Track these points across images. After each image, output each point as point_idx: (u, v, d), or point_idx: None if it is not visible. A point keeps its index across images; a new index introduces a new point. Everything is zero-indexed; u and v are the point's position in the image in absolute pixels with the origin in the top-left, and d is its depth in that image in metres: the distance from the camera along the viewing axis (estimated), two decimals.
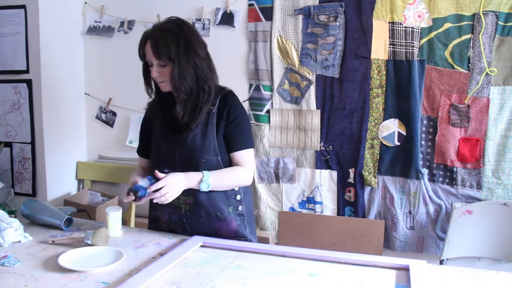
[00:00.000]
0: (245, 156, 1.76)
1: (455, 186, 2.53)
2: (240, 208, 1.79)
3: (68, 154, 3.10)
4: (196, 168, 1.69)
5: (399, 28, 2.53)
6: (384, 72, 2.59)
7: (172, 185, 1.59)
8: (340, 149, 2.71)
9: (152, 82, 1.77)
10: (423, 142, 2.57)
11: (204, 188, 1.65)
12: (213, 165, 1.71)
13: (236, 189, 1.78)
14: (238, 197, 1.78)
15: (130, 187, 1.61)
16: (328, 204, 2.77)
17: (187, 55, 1.65)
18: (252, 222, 1.88)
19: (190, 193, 1.70)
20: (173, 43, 1.63)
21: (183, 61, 1.64)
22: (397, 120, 2.60)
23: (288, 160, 2.81)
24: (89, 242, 1.62)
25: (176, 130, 1.74)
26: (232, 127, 1.74)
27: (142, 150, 1.93)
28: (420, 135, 2.55)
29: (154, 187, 1.58)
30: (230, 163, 1.76)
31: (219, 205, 1.74)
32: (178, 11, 2.87)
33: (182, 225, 1.78)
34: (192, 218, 1.75)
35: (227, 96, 1.76)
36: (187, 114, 1.70)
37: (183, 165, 1.71)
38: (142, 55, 1.70)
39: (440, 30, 2.47)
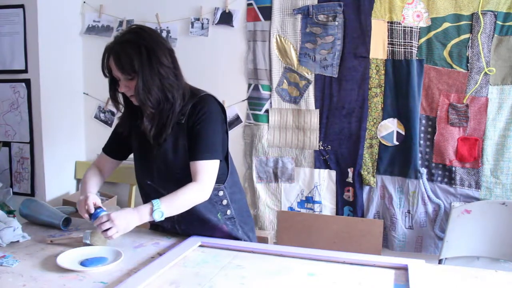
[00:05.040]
0: (200, 168, 1.58)
1: (454, 186, 2.53)
2: (228, 212, 1.72)
3: (67, 154, 3.09)
4: (174, 183, 1.59)
5: (397, 27, 2.53)
6: (383, 72, 2.59)
7: (117, 223, 1.49)
8: (339, 149, 2.71)
9: (119, 96, 1.67)
10: (421, 142, 2.57)
11: (158, 217, 1.52)
12: (191, 179, 1.60)
13: (221, 194, 1.69)
14: (224, 202, 1.71)
15: (89, 211, 1.58)
16: (327, 204, 2.77)
17: (150, 66, 1.53)
18: (246, 219, 1.81)
19: None
20: (135, 54, 1.52)
21: (147, 72, 1.53)
22: (396, 120, 2.60)
23: (287, 160, 2.80)
24: (88, 242, 1.61)
25: (149, 144, 1.65)
26: (193, 134, 1.60)
27: (110, 149, 1.83)
28: (419, 134, 2.55)
29: (97, 221, 1.50)
30: None
31: (206, 216, 1.67)
32: (176, 11, 2.90)
33: (175, 232, 1.75)
34: (185, 224, 1.71)
35: (198, 103, 1.62)
36: (155, 127, 1.61)
37: (161, 179, 1.66)
38: (109, 71, 1.59)
39: (439, 29, 2.47)
